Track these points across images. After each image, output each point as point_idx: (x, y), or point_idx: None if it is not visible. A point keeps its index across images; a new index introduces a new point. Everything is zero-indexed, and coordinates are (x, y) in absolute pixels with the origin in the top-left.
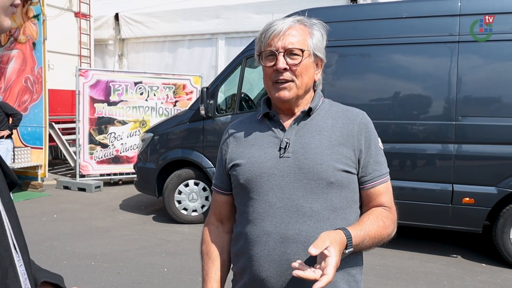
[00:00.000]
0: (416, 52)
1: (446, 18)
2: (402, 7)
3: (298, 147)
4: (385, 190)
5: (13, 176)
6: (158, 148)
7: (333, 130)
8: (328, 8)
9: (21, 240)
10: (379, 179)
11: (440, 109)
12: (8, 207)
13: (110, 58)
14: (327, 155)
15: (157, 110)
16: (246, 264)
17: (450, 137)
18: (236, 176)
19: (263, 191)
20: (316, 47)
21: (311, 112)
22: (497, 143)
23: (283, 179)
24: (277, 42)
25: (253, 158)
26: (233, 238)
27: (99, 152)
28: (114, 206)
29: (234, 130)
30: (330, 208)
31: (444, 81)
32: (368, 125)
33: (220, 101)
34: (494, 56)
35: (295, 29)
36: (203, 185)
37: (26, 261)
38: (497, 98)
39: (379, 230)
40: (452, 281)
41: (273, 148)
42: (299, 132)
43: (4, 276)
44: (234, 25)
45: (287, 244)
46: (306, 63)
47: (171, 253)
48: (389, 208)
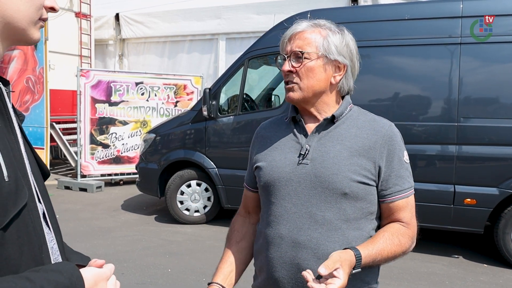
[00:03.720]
0: (418, 53)
1: (448, 20)
2: (404, 8)
3: (317, 154)
4: (405, 205)
5: (46, 168)
6: (160, 149)
7: (355, 140)
8: (330, 9)
9: (54, 222)
10: (399, 194)
11: (442, 111)
12: (43, 194)
13: (111, 58)
14: (345, 166)
15: (158, 110)
16: (263, 263)
17: (452, 138)
18: (259, 178)
19: (280, 196)
20: (330, 50)
21: (335, 119)
22: (499, 144)
23: (299, 185)
24: (287, 46)
25: (274, 162)
26: (256, 235)
27: (100, 152)
28: (115, 207)
29: (262, 131)
30: (343, 218)
31: (446, 82)
32: (393, 138)
33: (223, 102)
34: (496, 58)
35: (306, 32)
36: (205, 186)
37: (58, 240)
38: (498, 99)
39: (393, 248)
40: (454, 281)
41: (293, 154)
42: (321, 139)
43: (39, 251)
44: (235, 25)
45: (298, 249)
46: (311, 65)
47: (174, 254)
48: (407, 224)
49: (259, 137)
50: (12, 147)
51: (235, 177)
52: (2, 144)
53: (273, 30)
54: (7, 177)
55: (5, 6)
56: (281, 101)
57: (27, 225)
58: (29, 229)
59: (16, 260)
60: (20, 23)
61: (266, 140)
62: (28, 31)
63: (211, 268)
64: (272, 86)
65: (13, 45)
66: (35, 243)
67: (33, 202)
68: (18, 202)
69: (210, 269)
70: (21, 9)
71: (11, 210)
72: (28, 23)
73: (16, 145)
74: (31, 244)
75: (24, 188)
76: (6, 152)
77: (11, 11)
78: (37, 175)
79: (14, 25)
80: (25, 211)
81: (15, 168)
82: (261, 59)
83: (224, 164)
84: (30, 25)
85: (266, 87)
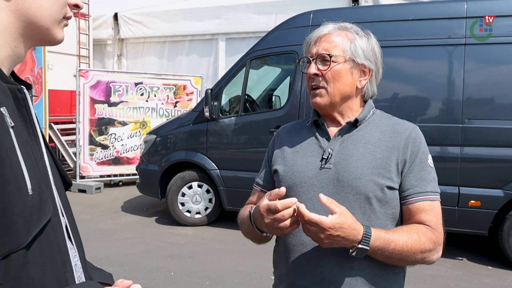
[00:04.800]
0: (422, 54)
1: (453, 21)
2: (408, 9)
3: (340, 158)
4: (428, 208)
5: (68, 178)
6: (161, 150)
7: (378, 144)
8: (332, 10)
9: (77, 236)
10: (419, 195)
11: (447, 112)
12: (65, 205)
13: (109, 58)
14: (368, 169)
15: (158, 111)
16: (283, 271)
17: (457, 139)
18: (279, 182)
19: (302, 201)
20: (357, 53)
21: (358, 123)
22: (504, 145)
23: (322, 190)
24: (313, 48)
25: (295, 166)
26: (275, 244)
27: (99, 153)
28: (115, 208)
29: (283, 134)
30: (367, 223)
31: (450, 83)
32: (417, 140)
33: (224, 103)
34: (500, 59)
35: (333, 35)
36: (206, 187)
37: (81, 256)
38: (503, 100)
39: (410, 242)
40: (460, 284)
41: (316, 158)
42: (344, 143)
43: (63, 270)
44: (235, 25)
45: (320, 256)
46: (338, 68)
47: (176, 257)
48: (431, 228)
49: (279, 139)
50: (36, 157)
51: (236, 178)
52: (25, 154)
53: (275, 31)
54: (30, 189)
55: (28, 4)
56: (283, 102)
57: (51, 242)
58: (53, 246)
59: (39, 280)
60: (43, 22)
61: (287, 143)
62: (52, 30)
63: (214, 271)
64: (274, 87)
65: (36, 45)
66: (59, 261)
67: (56, 216)
68: (42, 217)
69: (213, 272)
70: (44, 7)
71: (34, 226)
72: (52, 22)
73: (39, 155)
74: (55, 263)
75: (48, 201)
76: (30, 162)
77: (34, 9)
78: (59, 185)
79: (38, 25)
80: (48, 226)
81: (39, 180)
82: (263, 59)
83: (225, 166)
84: (54, 24)
85: (268, 88)
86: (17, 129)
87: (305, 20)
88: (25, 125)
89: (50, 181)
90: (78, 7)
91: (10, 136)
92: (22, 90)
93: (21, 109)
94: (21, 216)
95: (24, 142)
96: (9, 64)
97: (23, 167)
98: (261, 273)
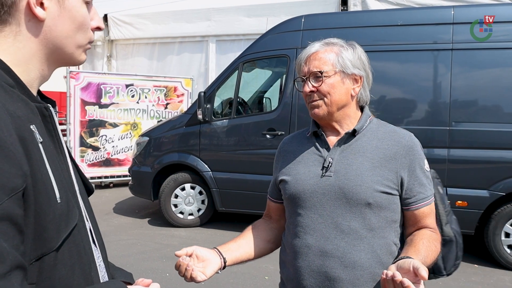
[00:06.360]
0: (410, 59)
1: (440, 26)
2: (397, 14)
3: (340, 167)
4: (430, 212)
5: (90, 185)
6: (153, 152)
7: (376, 152)
8: (323, 14)
9: (100, 238)
10: (423, 201)
11: (434, 115)
12: (88, 210)
13: (99, 59)
14: (368, 177)
15: (149, 112)
16: (290, 272)
17: (444, 141)
18: (284, 191)
19: (306, 207)
20: (346, 65)
21: (356, 133)
22: (489, 148)
23: (324, 197)
24: (304, 68)
25: (298, 176)
26: (282, 246)
27: (90, 155)
28: (107, 210)
29: (285, 146)
30: (368, 227)
31: (437, 87)
32: (413, 148)
33: (217, 106)
34: (486, 64)
35: (320, 52)
36: (199, 189)
37: (104, 257)
38: (489, 104)
39: (433, 255)
40: (447, 282)
41: (317, 167)
42: (343, 152)
43: (89, 269)
44: (225, 28)
45: (325, 258)
46: (331, 81)
47: (170, 258)
48: (435, 229)
49: (282, 152)
50: (62, 168)
51: (229, 180)
52: (53, 166)
53: (267, 34)
54: (59, 198)
55: (55, 33)
56: (274, 105)
57: (78, 245)
58: (80, 248)
59: (69, 279)
60: (68, 48)
61: (290, 155)
62: (75, 53)
63: None
64: (266, 89)
65: (60, 67)
66: (85, 261)
67: (82, 221)
68: (70, 223)
69: None
70: (70, 35)
71: (63, 231)
72: (76, 48)
73: (65, 166)
74: (82, 263)
75: (74, 208)
76: (58, 174)
77: (61, 37)
78: (83, 193)
79: (63, 51)
80: (75, 230)
81: (66, 189)
82: (255, 63)
83: (218, 167)
84: (79, 49)
85: (260, 90)
86: (45, 144)
87: (297, 24)
88: (51, 140)
89: (75, 190)
90: (100, 29)
91: (40, 151)
92: (48, 108)
93: (47, 126)
94: (52, 223)
95: (52, 155)
96: (37, 85)
97: (52, 179)
98: (255, 273)
